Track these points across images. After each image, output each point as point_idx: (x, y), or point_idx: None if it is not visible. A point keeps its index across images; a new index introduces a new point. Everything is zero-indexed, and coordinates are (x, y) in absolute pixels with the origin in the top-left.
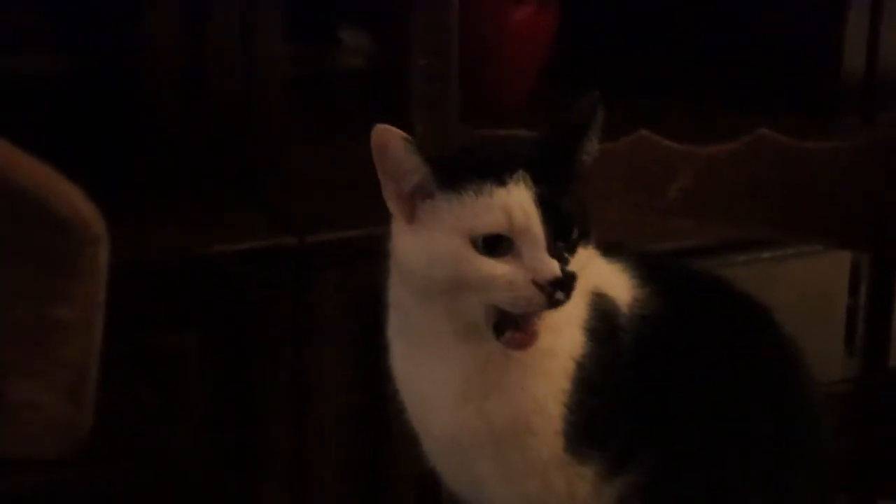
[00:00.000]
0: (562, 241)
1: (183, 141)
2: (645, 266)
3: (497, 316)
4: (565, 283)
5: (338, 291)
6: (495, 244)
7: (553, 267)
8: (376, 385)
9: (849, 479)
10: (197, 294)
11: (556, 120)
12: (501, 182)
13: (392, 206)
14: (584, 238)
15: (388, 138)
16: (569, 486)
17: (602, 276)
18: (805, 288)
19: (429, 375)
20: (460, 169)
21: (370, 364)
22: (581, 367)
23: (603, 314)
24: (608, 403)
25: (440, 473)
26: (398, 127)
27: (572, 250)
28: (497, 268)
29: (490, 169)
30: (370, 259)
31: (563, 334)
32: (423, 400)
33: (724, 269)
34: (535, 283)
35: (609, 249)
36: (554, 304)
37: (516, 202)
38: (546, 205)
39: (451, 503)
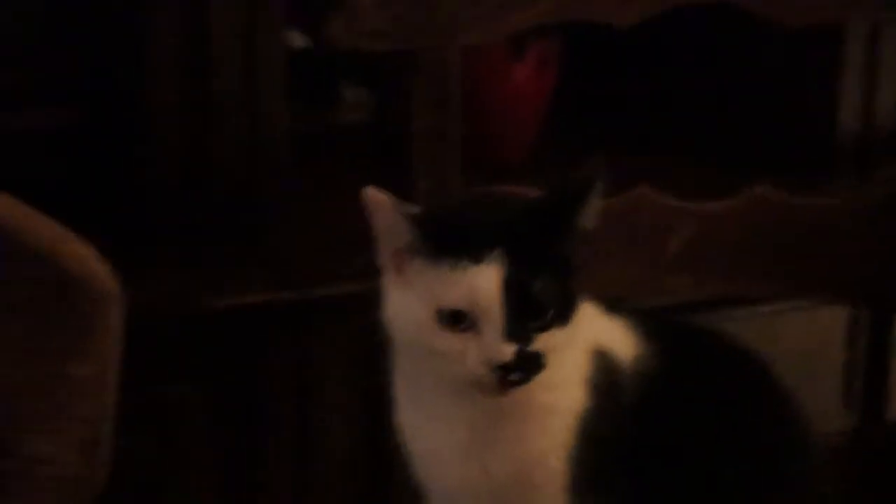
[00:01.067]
0: (533, 321)
1: (186, 197)
2: (646, 322)
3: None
4: (523, 365)
5: (341, 346)
6: (458, 318)
7: (503, 352)
8: (380, 440)
9: None
10: (201, 349)
11: (554, 186)
12: (477, 259)
13: (382, 260)
14: (560, 318)
15: (375, 202)
16: None
17: (605, 332)
18: (803, 342)
19: (432, 430)
20: (443, 238)
21: (375, 419)
22: (584, 423)
23: (605, 371)
24: (611, 458)
25: None
26: (400, 182)
27: (545, 330)
28: (453, 343)
29: (470, 243)
30: (373, 313)
31: (564, 391)
32: (428, 454)
33: (723, 324)
34: (487, 365)
35: (611, 305)
36: (507, 385)
37: (484, 283)
38: (516, 287)
39: None
